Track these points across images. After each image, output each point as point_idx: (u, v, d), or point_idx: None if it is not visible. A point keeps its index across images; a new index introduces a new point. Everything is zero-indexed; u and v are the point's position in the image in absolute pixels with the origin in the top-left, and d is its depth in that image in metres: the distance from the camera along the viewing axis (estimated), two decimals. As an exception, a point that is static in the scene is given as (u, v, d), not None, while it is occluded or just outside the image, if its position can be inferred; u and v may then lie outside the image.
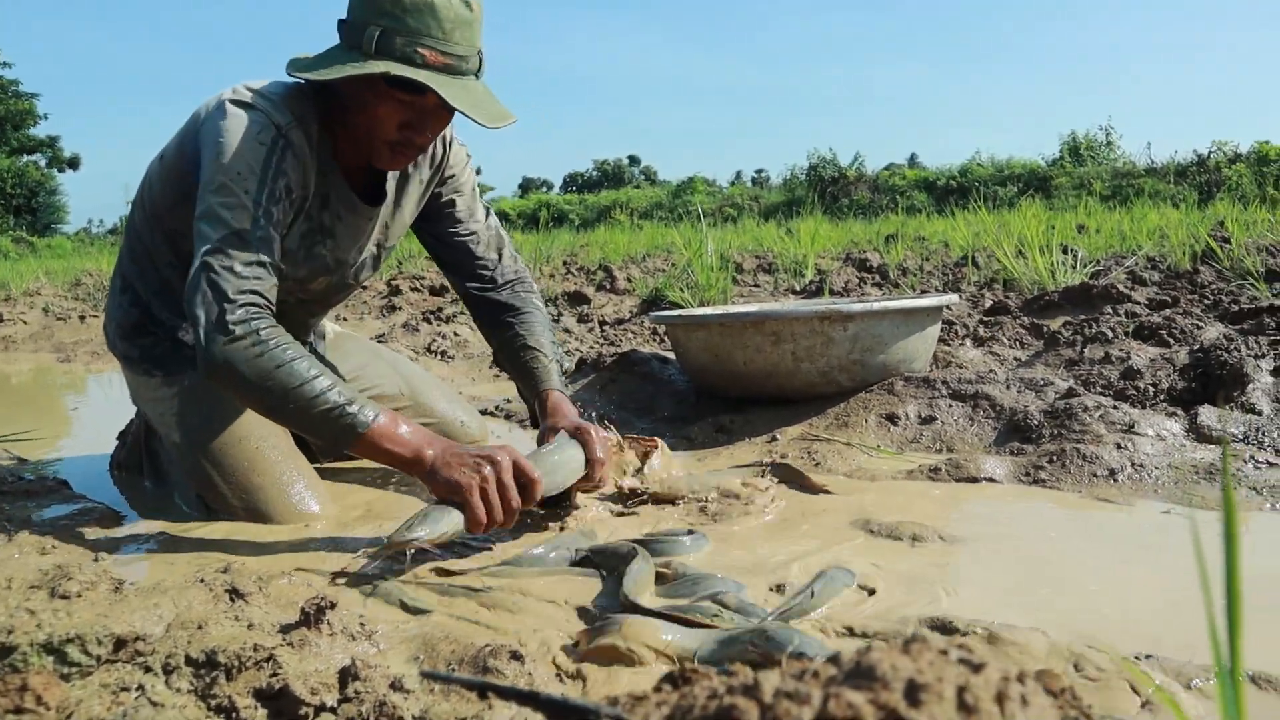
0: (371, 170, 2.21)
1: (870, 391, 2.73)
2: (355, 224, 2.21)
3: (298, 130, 1.99)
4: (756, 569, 1.70)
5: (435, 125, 2.00)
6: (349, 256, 2.26)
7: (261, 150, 1.92)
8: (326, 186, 2.11)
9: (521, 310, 2.38)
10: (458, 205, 2.39)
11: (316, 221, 2.14)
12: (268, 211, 1.92)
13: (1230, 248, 5.87)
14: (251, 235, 1.89)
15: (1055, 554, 1.72)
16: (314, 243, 2.16)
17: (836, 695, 0.50)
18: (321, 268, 2.21)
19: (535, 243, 12.87)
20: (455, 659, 1.35)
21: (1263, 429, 2.35)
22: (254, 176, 1.91)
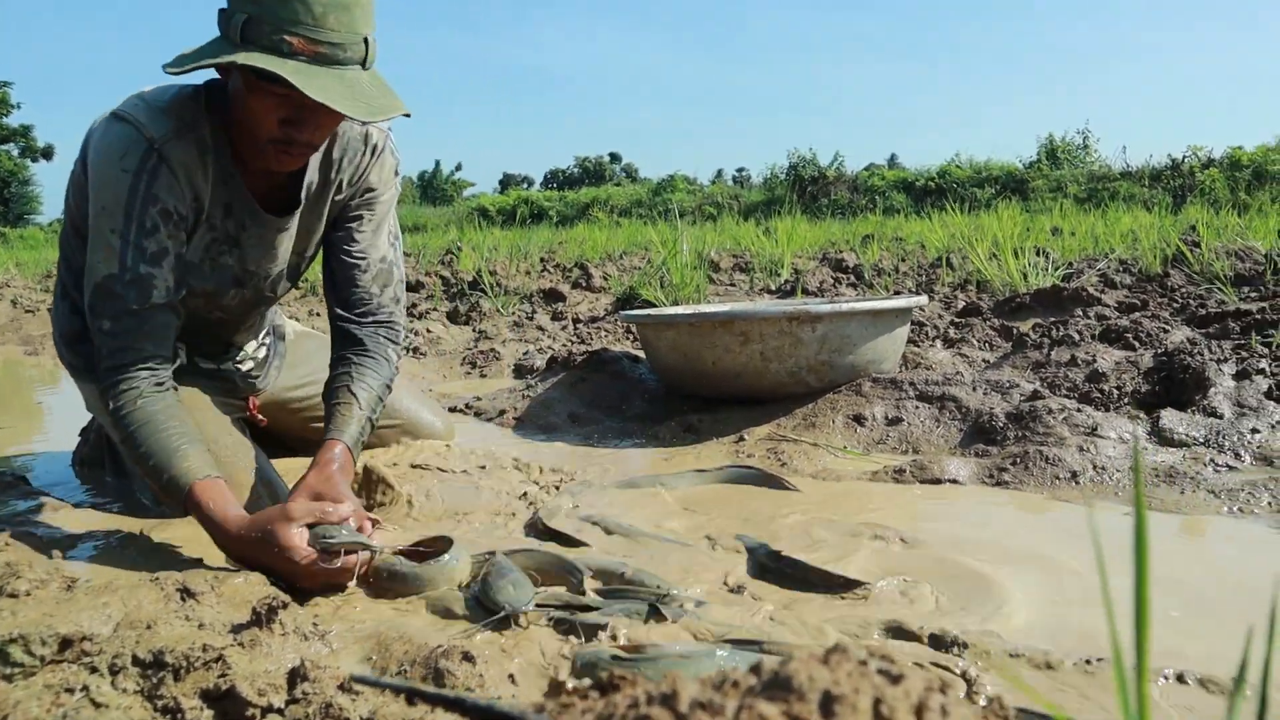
0: (283, 178, 2.08)
1: (838, 392, 2.73)
2: (262, 234, 2.09)
3: (181, 140, 1.89)
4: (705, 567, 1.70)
5: (322, 121, 1.84)
6: (260, 268, 2.14)
7: (126, 179, 1.83)
8: (228, 195, 2.00)
9: (367, 355, 2.15)
10: (363, 222, 2.21)
11: (221, 231, 2.03)
12: (138, 248, 1.84)
13: (1200, 252, 5.92)
14: (120, 280, 1.84)
15: (1015, 557, 1.72)
16: (218, 253, 2.05)
17: (750, 706, 0.49)
18: (229, 280, 2.10)
19: (513, 239, 12.83)
20: (408, 660, 1.34)
21: (1223, 433, 2.37)
22: (120, 211, 1.83)
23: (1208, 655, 1.30)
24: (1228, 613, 1.45)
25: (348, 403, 2.06)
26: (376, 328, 2.18)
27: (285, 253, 2.17)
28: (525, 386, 3.42)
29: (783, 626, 1.44)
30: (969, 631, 1.38)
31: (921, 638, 1.38)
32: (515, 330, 4.90)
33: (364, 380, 2.10)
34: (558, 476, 2.38)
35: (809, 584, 1.61)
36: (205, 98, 1.95)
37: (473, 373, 4.14)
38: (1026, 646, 1.33)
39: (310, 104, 1.76)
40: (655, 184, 32.10)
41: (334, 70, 1.74)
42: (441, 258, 9.22)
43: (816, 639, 1.40)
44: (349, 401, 2.06)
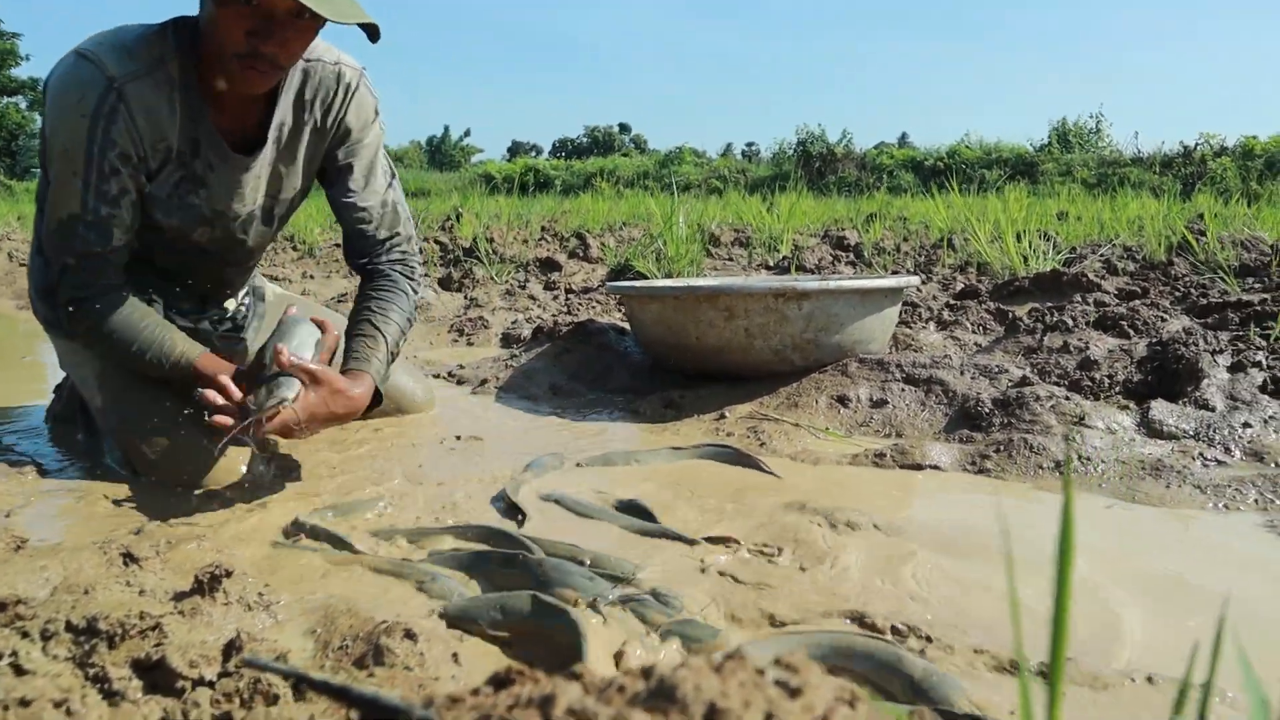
0: (259, 116, 2.07)
1: (824, 372, 2.68)
2: (229, 174, 2.08)
3: (144, 79, 1.89)
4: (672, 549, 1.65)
5: (289, 36, 1.82)
6: (228, 208, 2.12)
7: (85, 123, 1.85)
8: (196, 131, 1.99)
9: (386, 289, 2.23)
10: (354, 173, 2.23)
11: (189, 170, 2.02)
12: (99, 191, 1.90)
13: (1206, 240, 5.84)
14: (81, 220, 1.91)
15: (989, 548, 1.67)
16: (186, 191, 2.05)
17: (624, 717, 0.45)
18: (196, 218, 2.10)
19: (515, 207, 12.75)
20: (352, 635, 1.30)
21: (1214, 426, 2.32)
22: (80, 154, 1.87)
23: (1149, 651, 1.26)
24: (1206, 614, 1.40)
25: (372, 335, 2.13)
26: (391, 264, 2.28)
27: (255, 194, 2.16)
28: (510, 356, 3.37)
29: (739, 618, 1.40)
30: (936, 624, 1.34)
31: (884, 630, 1.34)
32: (506, 299, 4.84)
33: (387, 315, 2.17)
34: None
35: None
36: (173, 35, 1.94)
37: (460, 340, 4.09)
38: (991, 643, 1.29)
39: (277, 12, 1.77)
40: (662, 156, 31.96)
41: None
42: (442, 223, 9.15)
43: (765, 625, 1.36)
44: (374, 335, 2.13)
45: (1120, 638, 1.31)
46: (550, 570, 1.49)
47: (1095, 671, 1.21)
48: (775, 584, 1.51)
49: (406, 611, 1.41)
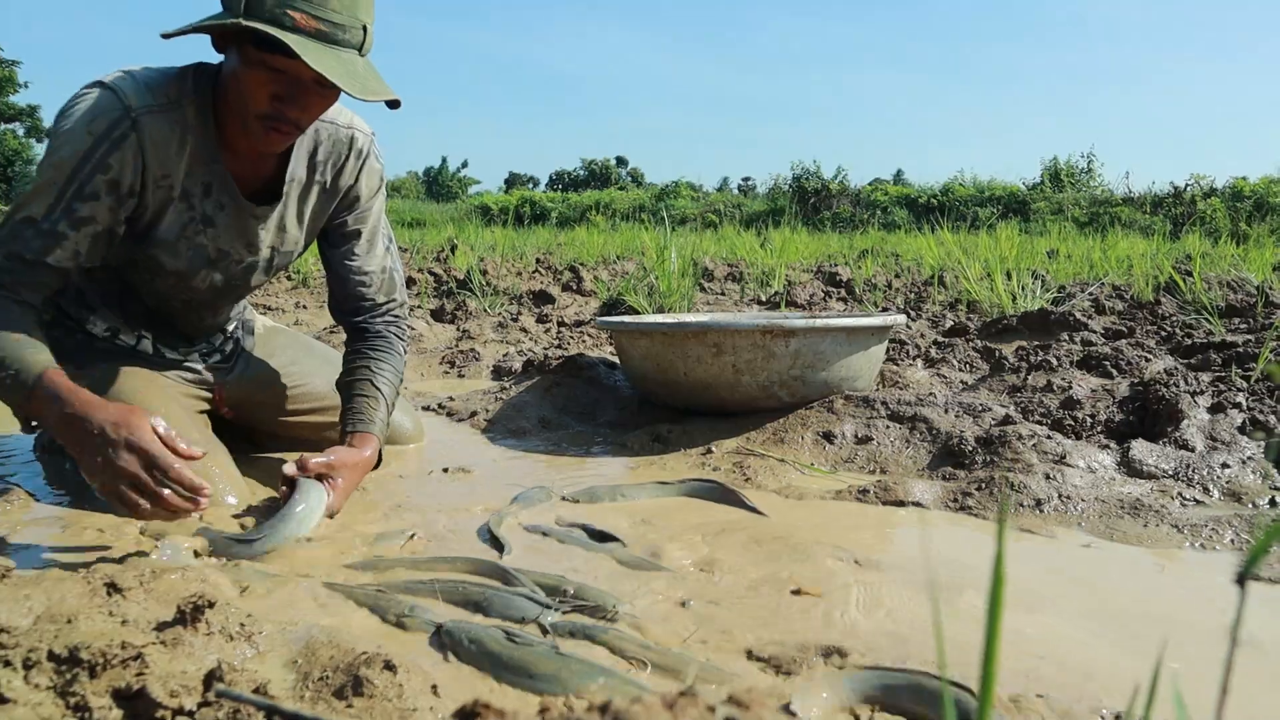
0: (273, 170, 2.14)
1: (810, 408, 2.71)
2: (239, 219, 2.12)
3: (161, 115, 1.93)
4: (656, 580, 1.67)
5: (312, 101, 1.90)
6: (234, 251, 2.17)
7: (88, 140, 1.87)
8: (208, 176, 2.03)
9: (380, 348, 2.34)
10: (359, 240, 2.33)
11: (199, 211, 2.06)
12: (67, 208, 1.89)
13: (1192, 281, 5.90)
14: (34, 226, 1.88)
15: (967, 585, 1.69)
16: (195, 232, 2.08)
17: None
18: (202, 259, 2.13)
19: (511, 239, 12.83)
20: (332, 666, 1.31)
21: (1194, 466, 2.34)
22: (69, 167, 1.87)
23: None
24: (1178, 654, 1.42)
25: (374, 396, 2.24)
26: (386, 324, 2.37)
27: (262, 244, 2.20)
28: (500, 389, 3.39)
29: (716, 650, 1.41)
30: (909, 660, 1.36)
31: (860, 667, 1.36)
32: (499, 331, 4.87)
33: (383, 373, 2.29)
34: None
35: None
36: (193, 80, 1.99)
37: (451, 372, 4.11)
38: (962, 678, 1.31)
39: (303, 80, 1.85)
40: (659, 189, 32.12)
41: (332, 49, 1.81)
42: (436, 254, 9.20)
43: (740, 657, 1.37)
44: (375, 395, 2.24)
45: (1093, 676, 1.33)
46: (494, 598, 1.54)
47: (1066, 708, 1.22)
48: (754, 616, 1.53)
49: (388, 643, 1.43)
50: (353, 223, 2.31)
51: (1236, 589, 0.49)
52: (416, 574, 1.71)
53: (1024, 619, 1.54)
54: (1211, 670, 1.35)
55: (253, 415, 2.57)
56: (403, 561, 1.76)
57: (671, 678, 1.29)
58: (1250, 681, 1.32)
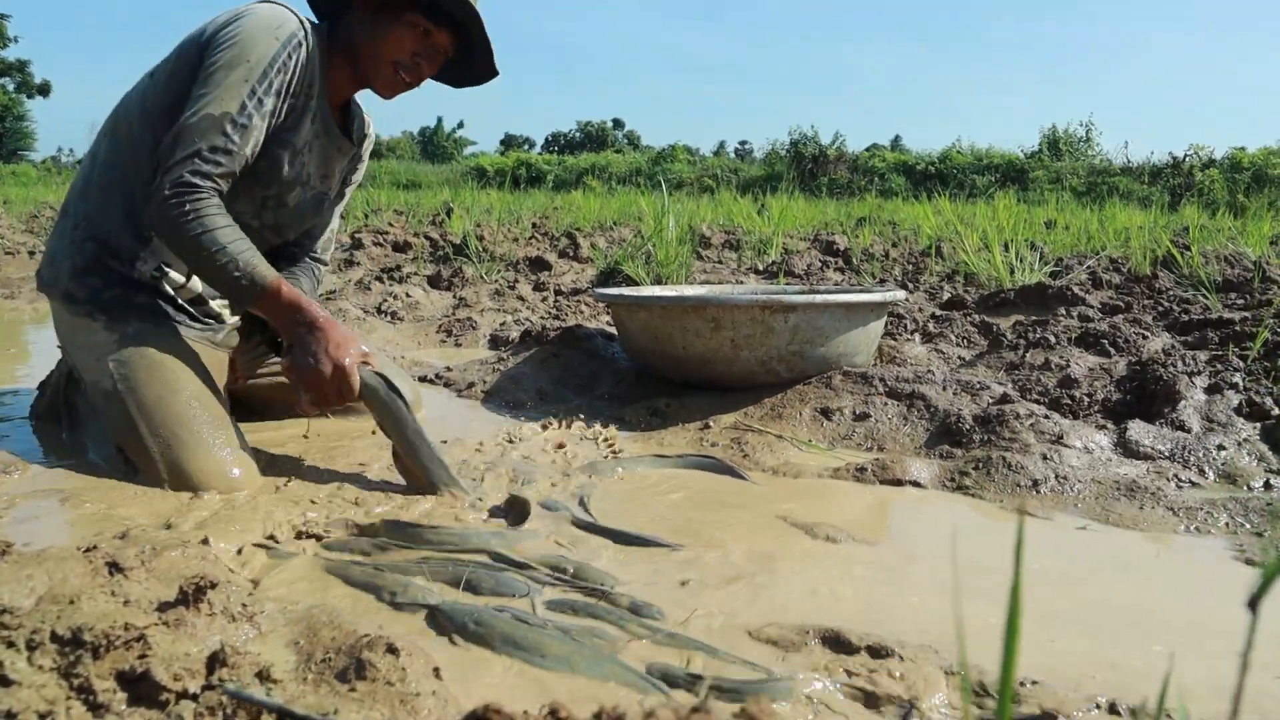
0: (339, 111, 2.39)
1: (808, 384, 2.71)
2: (328, 148, 2.35)
3: (314, 37, 2.17)
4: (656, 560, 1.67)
5: (436, 64, 2.28)
6: (314, 179, 2.36)
7: (275, 44, 2.08)
8: (317, 104, 2.24)
9: (301, 266, 2.56)
10: (343, 200, 2.61)
11: (294, 133, 2.23)
12: (259, 100, 2.07)
13: (1190, 255, 5.89)
14: (233, 120, 2.04)
15: (963, 567, 1.70)
16: (304, 146, 2.27)
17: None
18: (299, 175, 2.30)
19: (507, 202, 12.76)
20: (334, 647, 1.31)
21: (1190, 447, 2.35)
22: (260, 65, 2.07)
23: (1142, 681, 1.28)
24: (1169, 640, 1.43)
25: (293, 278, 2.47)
26: (310, 259, 2.59)
27: (335, 176, 2.46)
28: (498, 359, 3.38)
29: (717, 630, 1.42)
30: (906, 645, 1.37)
31: (860, 648, 1.37)
32: (495, 299, 4.85)
33: (297, 277, 2.51)
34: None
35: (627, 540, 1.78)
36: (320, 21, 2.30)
37: (448, 341, 4.10)
38: (960, 664, 1.32)
39: (439, 46, 2.25)
40: (656, 153, 31.95)
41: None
42: (432, 218, 9.15)
43: (740, 635, 1.38)
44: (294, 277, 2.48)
45: (1085, 664, 1.34)
46: (483, 574, 1.57)
47: (1061, 696, 1.23)
48: (751, 596, 1.54)
49: (389, 623, 1.43)
50: (351, 182, 2.60)
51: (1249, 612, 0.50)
52: (419, 552, 1.71)
53: (1027, 605, 1.54)
54: (1198, 659, 1.36)
55: (258, 381, 2.62)
56: (389, 538, 1.77)
57: (672, 658, 1.30)
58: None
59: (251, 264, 2.05)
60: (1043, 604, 1.55)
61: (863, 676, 1.29)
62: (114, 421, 2.13)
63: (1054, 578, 1.67)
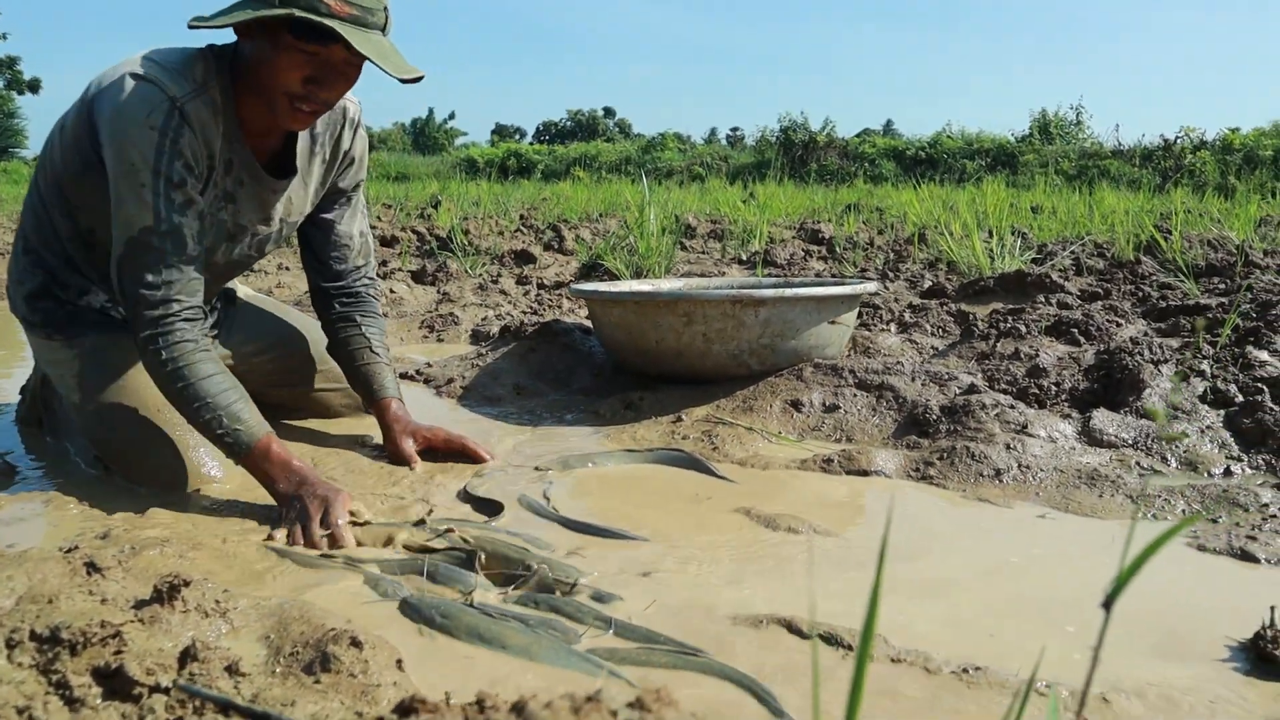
0: (279, 144, 2.20)
1: (780, 376, 2.76)
2: (259, 193, 2.19)
3: (197, 99, 1.98)
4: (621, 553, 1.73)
5: (340, 83, 1.99)
6: (250, 225, 2.24)
7: (154, 135, 1.91)
8: (230, 152, 2.09)
9: (369, 315, 2.50)
10: (349, 207, 2.45)
11: (220, 188, 2.12)
12: (168, 199, 1.94)
13: (1173, 239, 5.94)
14: (155, 232, 1.93)
15: (921, 556, 1.75)
16: (218, 208, 2.14)
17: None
18: (223, 234, 2.19)
19: (496, 193, 12.79)
20: (302, 641, 1.36)
21: (1153, 436, 2.40)
22: (149, 167, 1.91)
23: (1074, 664, 1.34)
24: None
25: (376, 363, 2.46)
26: (367, 289, 2.52)
27: (276, 215, 2.28)
28: (477, 354, 3.43)
29: (675, 618, 1.47)
30: (856, 632, 1.42)
31: (810, 634, 1.42)
32: (479, 294, 4.90)
33: (377, 340, 2.48)
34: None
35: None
36: (214, 62, 2.05)
37: (430, 336, 4.14)
38: (909, 650, 1.37)
39: (335, 63, 1.94)
40: (646, 141, 31.92)
41: (364, 32, 1.90)
42: (420, 211, 9.18)
43: (701, 620, 1.43)
44: (377, 362, 2.46)
45: (1032, 649, 1.39)
46: (443, 571, 1.64)
47: (1002, 681, 1.29)
48: (714, 585, 1.59)
49: (360, 617, 1.48)
50: (347, 186, 2.42)
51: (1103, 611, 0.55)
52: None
53: (976, 593, 1.60)
54: (1129, 647, 1.41)
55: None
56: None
57: (632, 646, 1.36)
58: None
59: (238, 418, 1.96)
60: (987, 593, 1.61)
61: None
62: (87, 431, 2.20)
63: (1002, 566, 1.72)
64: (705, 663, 1.32)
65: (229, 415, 1.96)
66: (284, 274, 5.80)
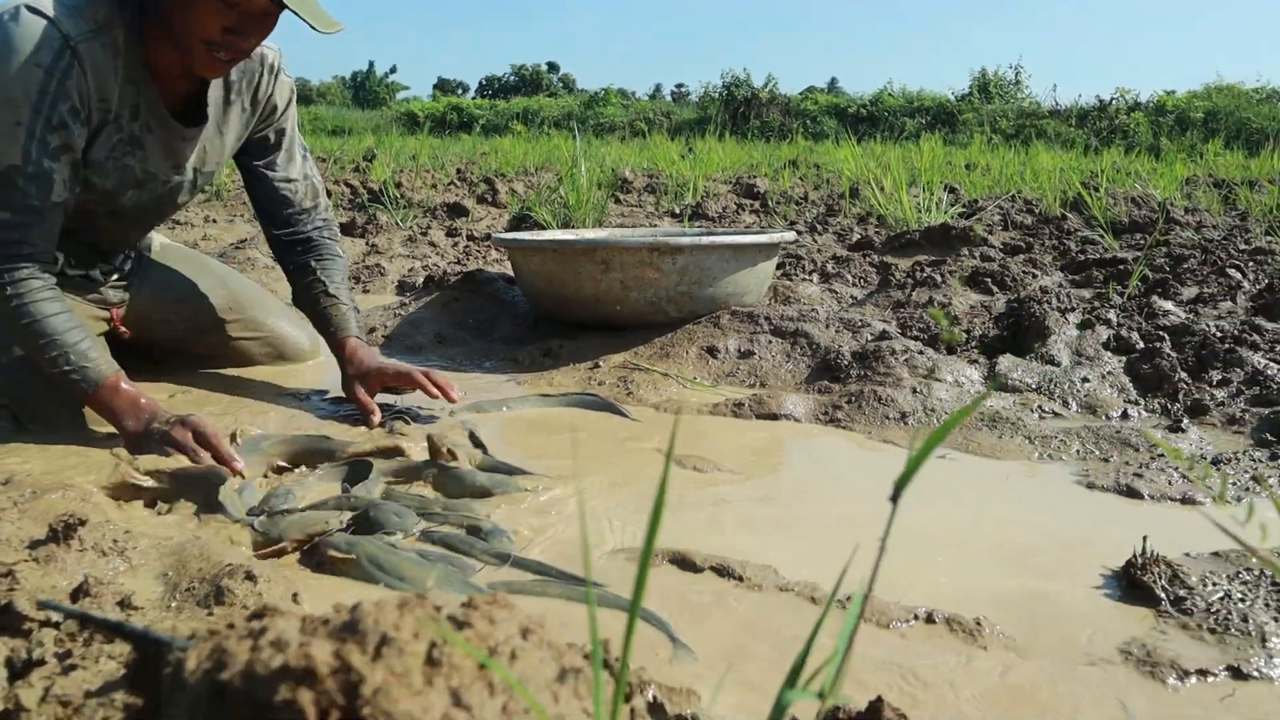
0: (192, 90, 2.16)
1: (697, 323, 2.79)
2: (168, 141, 2.15)
3: (96, 41, 1.92)
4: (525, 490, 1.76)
5: (258, 31, 1.95)
6: (161, 172, 2.19)
7: (38, 74, 1.85)
8: (136, 97, 2.04)
9: (323, 256, 2.44)
10: (280, 151, 2.39)
11: (126, 132, 2.07)
12: (43, 142, 1.88)
13: (1099, 196, 6.06)
14: (22, 173, 1.88)
15: (820, 495, 1.80)
16: (124, 153, 2.09)
17: (304, 644, 0.54)
18: (129, 180, 2.14)
19: (434, 148, 12.66)
20: (200, 577, 1.37)
21: (1056, 380, 2.47)
22: (28, 105, 1.86)
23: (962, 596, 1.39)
24: (989, 557, 1.54)
25: (334, 304, 2.41)
26: (320, 232, 2.46)
27: (187, 164, 2.24)
28: (400, 304, 3.42)
29: (575, 550, 1.51)
30: (749, 565, 1.46)
31: (704, 569, 1.46)
32: (408, 246, 4.86)
33: (335, 282, 2.43)
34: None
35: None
36: (118, 2, 1.98)
37: (356, 288, 4.12)
38: (796, 581, 1.41)
39: (253, 13, 1.90)
40: (589, 96, 31.69)
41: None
42: (355, 165, 9.07)
43: (594, 565, 1.46)
44: (335, 303, 2.41)
45: (910, 579, 1.44)
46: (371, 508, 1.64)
47: (883, 609, 1.34)
48: (607, 523, 1.63)
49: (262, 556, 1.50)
50: (273, 135, 2.37)
51: (890, 504, 0.58)
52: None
53: (867, 530, 1.65)
54: (1007, 571, 1.47)
55: (150, 334, 2.59)
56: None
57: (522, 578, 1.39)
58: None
59: (86, 355, 1.94)
60: (878, 529, 1.65)
61: (707, 593, 1.39)
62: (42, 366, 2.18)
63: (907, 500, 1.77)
64: (597, 594, 1.35)
65: (76, 353, 1.93)
66: (210, 226, 5.72)
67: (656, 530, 0.54)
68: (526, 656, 0.60)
